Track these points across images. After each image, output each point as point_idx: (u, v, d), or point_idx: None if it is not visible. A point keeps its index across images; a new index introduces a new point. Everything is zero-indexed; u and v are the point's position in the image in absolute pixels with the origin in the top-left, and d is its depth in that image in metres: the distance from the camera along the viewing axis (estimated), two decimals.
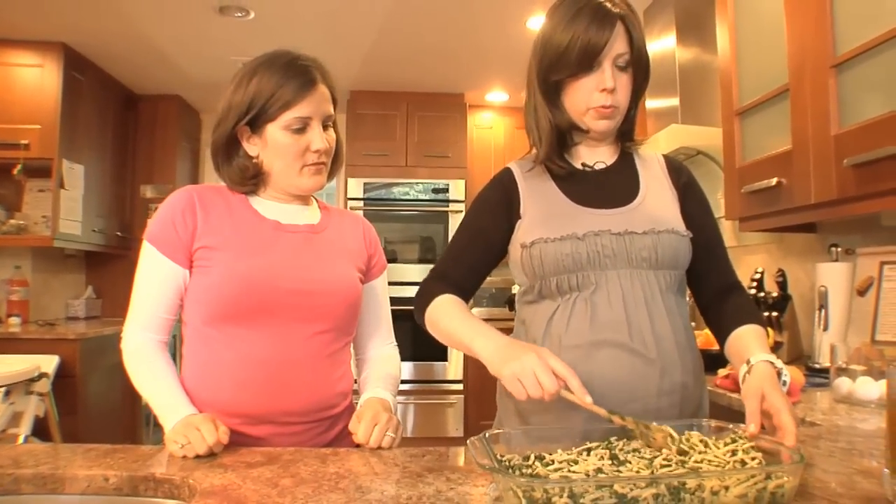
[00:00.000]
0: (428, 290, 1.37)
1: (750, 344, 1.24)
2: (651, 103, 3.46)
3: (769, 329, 2.31)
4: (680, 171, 1.43)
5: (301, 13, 3.85)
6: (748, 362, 1.18)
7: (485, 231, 1.39)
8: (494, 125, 5.68)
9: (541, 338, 1.31)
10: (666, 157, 1.46)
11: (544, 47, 1.32)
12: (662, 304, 1.28)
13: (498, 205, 1.39)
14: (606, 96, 1.28)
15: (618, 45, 1.27)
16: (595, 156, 1.41)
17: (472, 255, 1.40)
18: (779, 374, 1.15)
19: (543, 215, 1.34)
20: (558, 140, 1.36)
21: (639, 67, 1.32)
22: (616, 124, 1.35)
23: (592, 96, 1.29)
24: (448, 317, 1.30)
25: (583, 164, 1.40)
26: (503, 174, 1.43)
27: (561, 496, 0.76)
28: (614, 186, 1.37)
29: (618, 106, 1.31)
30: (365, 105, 5.30)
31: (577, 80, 1.30)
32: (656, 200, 1.36)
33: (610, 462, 0.91)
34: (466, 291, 1.39)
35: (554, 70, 1.31)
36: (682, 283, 1.36)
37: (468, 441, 0.95)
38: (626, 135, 1.42)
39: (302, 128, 1.36)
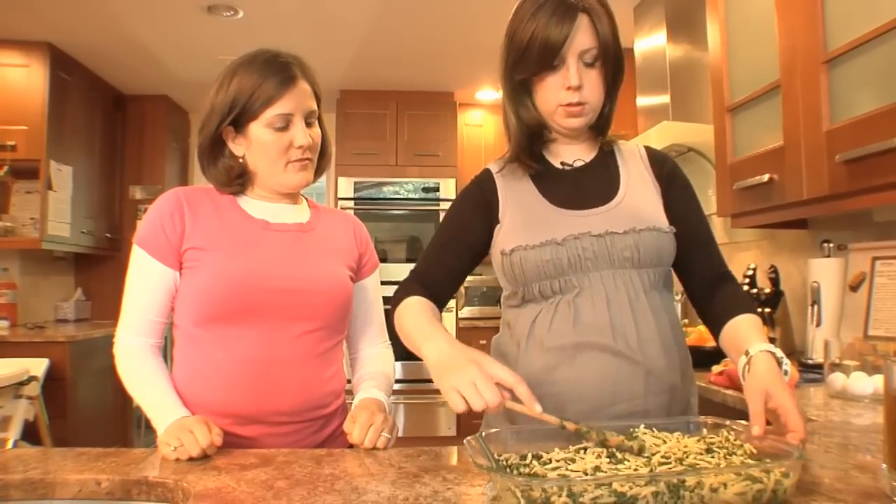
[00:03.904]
0: (401, 292, 1.32)
1: (747, 334, 1.18)
2: (642, 100, 3.47)
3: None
4: (662, 162, 1.39)
5: (290, 12, 3.83)
6: (747, 353, 1.12)
7: (464, 232, 1.35)
8: (485, 123, 5.68)
9: (524, 340, 1.29)
10: (648, 148, 1.42)
11: (508, 45, 1.29)
12: (647, 304, 1.25)
13: (477, 205, 1.36)
14: (573, 94, 1.23)
15: (582, 40, 1.21)
16: (573, 153, 1.37)
17: (450, 257, 1.35)
18: (779, 363, 1.09)
19: (522, 221, 1.30)
20: (528, 139, 1.33)
21: (607, 61, 1.25)
22: (588, 121, 1.30)
23: (559, 94, 1.25)
24: (409, 319, 1.24)
25: (562, 163, 1.36)
26: (482, 175, 1.40)
27: (560, 495, 0.76)
28: (593, 185, 1.33)
29: (587, 103, 1.25)
30: (354, 104, 5.29)
31: (543, 78, 1.26)
32: (637, 196, 1.32)
33: (608, 460, 0.91)
34: (442, 294, 1.33)
35: (517, 69, 1.28)
36: (668, 277, 1.33)
37: (465, 441, 0.94)
38: (601, 131, 1.36)
39: (284, 125, 1.35)
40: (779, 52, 1.96)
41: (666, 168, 1.38)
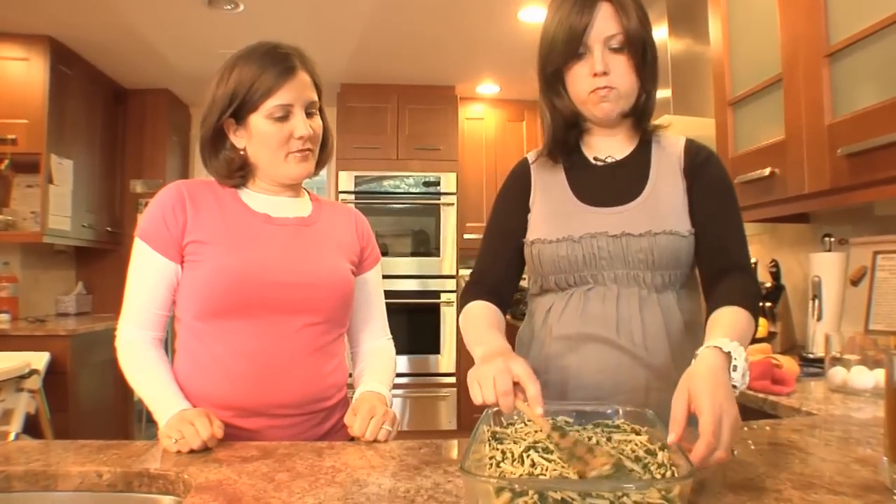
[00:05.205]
0: (465, 296, 1.39)
1: (714, 329, 1.08)
2: None
3: (762, 319, 2.32)
4: (695, 154, 1.33)
5: (290, 5, 3.82)
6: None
7: (511, 228, 1.40)
8: (485, 117, 5.66)
9: (539, 327, 1.34)
10: (689, 141, 1.37)
11: (540, 41, 1.32)
12: (657, 304, 1.26)
13: (516, 199, 1.40)
14: (599, 80, 1.24)
15: (605, 27, 1.23)
16: (609, 146, 1.36)
17: (504, 256, 1.40)
18: (729, 358, 0.98)
19: (546, 213, 1.34)
20: (564, 129, 1.34)
21: (635, 48, 1.24)
22: (619, 108, 1.28)
23: (587, 82, 1.26)
24: (469, 325, 1.31)
25: (595, 158, 1.37)
26: (519, 165, 1.44)
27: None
28: (621, 182, 1.33)
29: (616, 87, 1.25)
30: (355, 98, 5.28)
31: (571, 68, 1.28)
32: (662, 195, 1.30)
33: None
34: (503, 294, 1.39)
35: (548, 62, 1.30)
36: (690, 277, 1.32)
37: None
38: (639, 122, 1.34)
39: (284, 115, 1.35)
40: (780, 46, 1.95)
41: (697, 161, 1.33)
